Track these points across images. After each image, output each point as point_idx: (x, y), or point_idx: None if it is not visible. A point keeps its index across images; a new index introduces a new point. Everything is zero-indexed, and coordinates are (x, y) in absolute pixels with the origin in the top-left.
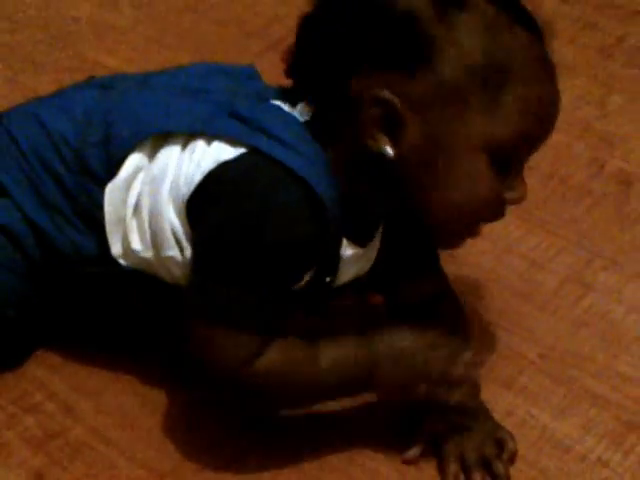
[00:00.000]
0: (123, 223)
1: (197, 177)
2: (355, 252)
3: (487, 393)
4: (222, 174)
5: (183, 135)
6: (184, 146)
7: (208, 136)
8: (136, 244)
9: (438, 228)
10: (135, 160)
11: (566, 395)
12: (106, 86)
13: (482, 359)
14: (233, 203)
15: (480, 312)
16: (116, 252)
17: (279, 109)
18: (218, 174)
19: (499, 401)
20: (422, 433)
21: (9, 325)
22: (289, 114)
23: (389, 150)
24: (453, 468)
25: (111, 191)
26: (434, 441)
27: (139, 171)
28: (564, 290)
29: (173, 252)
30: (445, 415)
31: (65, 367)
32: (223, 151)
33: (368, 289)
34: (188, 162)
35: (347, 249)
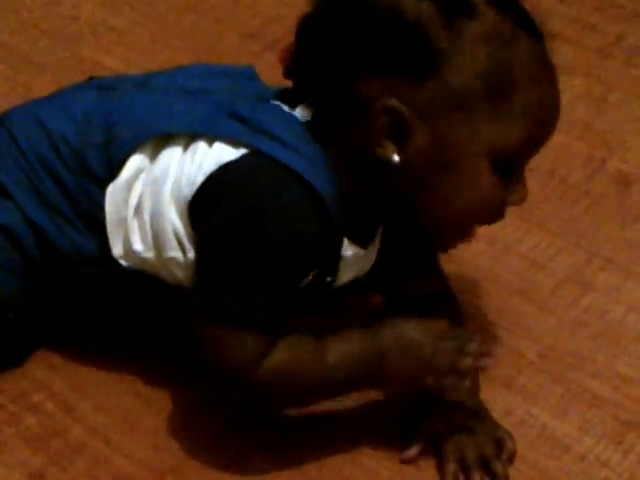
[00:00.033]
0: (124, 224)
1: (199, 178)
2: (356, 252)
3: (486, 393)
4: (224, 175)
5: (184, 136)
6: (185, 147)
7: (209, 137)
8: (137, 245)
9: (438, 231)
10: (136, 161)
11: (565, 394)
12: (106, 87)
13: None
14: (236, 204)
15: (479, 312)
16: (117, 253)
17: (279, 110)
18: (220, 175)
19: (498, 400)
20: (421, 432)
21: (9, 325)
22: (289, 114)
23: (395, 157)
24: (452, 468)
25: (112, 192)
26: (433, 441)
27: (140, 172)
28: (563, 290)
29: (175, 253)
30: (444, 415)
31: (66, 367)
32: (225, 152)
33: (368, 289)
34: (190, 163)
35: (348, 249)
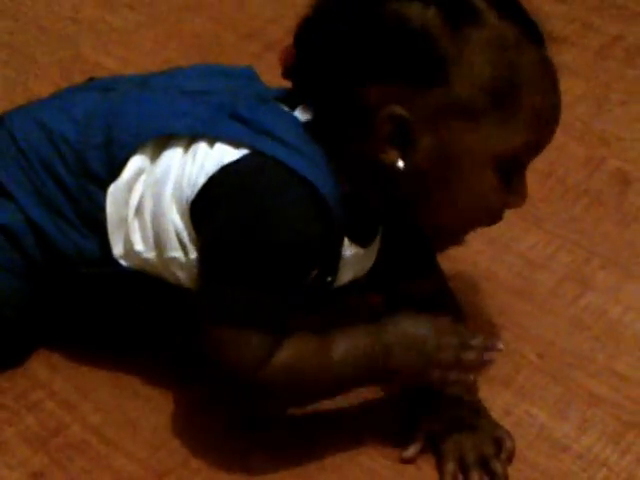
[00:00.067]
0: (125, 224)
1: (201, 179)
2: (356, 252)
3: (485, 392)
4: (226, 176)
5: (185, 137)
6: (186, 148)
7: (210, 138)
8: (138, 245)
9: (436, 232)
10: (137, 162)
11: (564, 394)
12: (106, 88)
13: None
14: (238, 205)
15: (478, 311)
16: (118, 253)
17: (280, 110)
18: (222, 176)
19: (497, 400)
20: (419, 432)
21: (9, 324)
22: (290, 115)
23: (400, 163)
24: (451, 467)
25: (113, 193)
26: (432, 440)
27: (141, 173)
28: (562, 289)
29: (177, 253)
30: (442, 414)
31: (66, 366)
32: (226, 153)
33: (368, 289)
34: (191, 164)
35: (348, 249)
